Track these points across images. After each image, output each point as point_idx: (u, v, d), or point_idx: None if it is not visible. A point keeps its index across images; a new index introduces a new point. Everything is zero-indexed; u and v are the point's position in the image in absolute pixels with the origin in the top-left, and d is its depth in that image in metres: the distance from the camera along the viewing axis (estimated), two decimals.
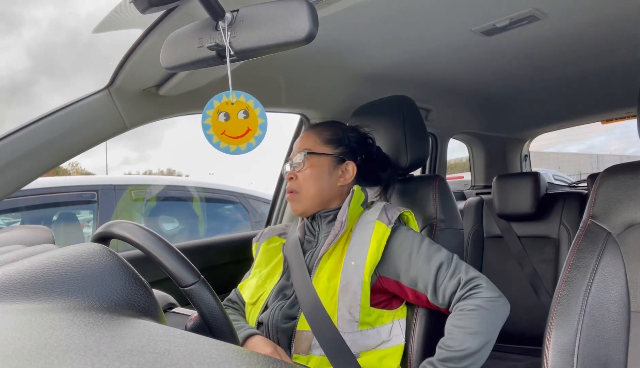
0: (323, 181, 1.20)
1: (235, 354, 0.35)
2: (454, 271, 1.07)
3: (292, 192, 1.20)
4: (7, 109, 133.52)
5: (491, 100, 2.31)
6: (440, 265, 1.07)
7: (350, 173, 1.23)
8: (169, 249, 0.77)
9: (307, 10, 0.64)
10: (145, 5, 0.66)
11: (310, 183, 1.19)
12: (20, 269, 0.52)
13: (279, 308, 1.12)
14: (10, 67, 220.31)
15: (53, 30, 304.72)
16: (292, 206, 1.21)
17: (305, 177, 1.19)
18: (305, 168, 1.19)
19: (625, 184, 1.03)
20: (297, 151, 1.23)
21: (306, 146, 1.23)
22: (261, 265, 1.26)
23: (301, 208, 1.20)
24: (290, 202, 1.21)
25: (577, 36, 1.54)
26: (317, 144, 1.23)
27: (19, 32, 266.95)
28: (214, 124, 0.72)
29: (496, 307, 1.04)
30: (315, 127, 1.28)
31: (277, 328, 1.10)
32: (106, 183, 2.92)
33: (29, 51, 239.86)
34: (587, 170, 16.85)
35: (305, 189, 1.19)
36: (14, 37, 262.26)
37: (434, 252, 1.09)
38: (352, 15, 1.25)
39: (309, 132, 1.27)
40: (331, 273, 1.09)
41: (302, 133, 1.28)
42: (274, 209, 1.97)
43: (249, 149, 0.72)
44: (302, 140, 1.25)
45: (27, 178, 1.06)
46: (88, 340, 0.36)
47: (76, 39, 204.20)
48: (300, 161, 1.20)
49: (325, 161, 1.21)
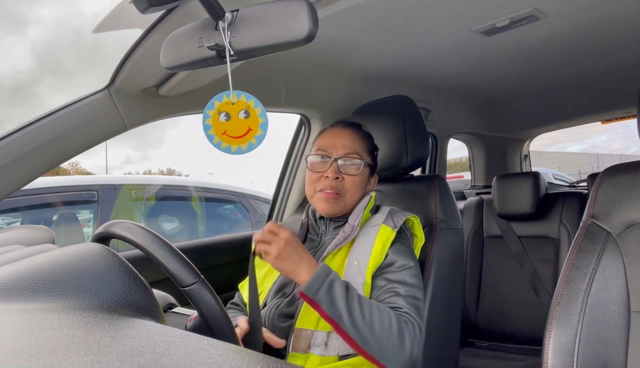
0: (362, 190, 1.20)
1: (235, 354, 0.35)
2: (403, 298, 1.03)
3: (334, 193, 1.15)
4: (10, 108, 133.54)
5: (491, 100, 2.31)
6: (397, 287, 1.05)
7: (372, 185, 1.26)
8: (169, 249, 0.77)
9: (307, 10, 0.64)
10: (145, 5, 0.66)
11: (356, 189, 1.17)
12: (20, 269, 0.52)
13: (275, 307, 1.12)
14: (14, 66, 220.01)
15: (58, 29, 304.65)
16: (327, 206, 1.16)
17: (354, 182, 1.17)
18: (360, 173, 1.17)
19: (625, 184, 1.03)
20: (344, 150, 1.17)
21: (356, 149, 1.18)
22: (260, 264, 1.26)
23: (336, 211, 1.17)
24: (327, 202, 1.15)
25: (577, 36, 1.54)
26: (365, 152, 1.21)
27: (25, 31, 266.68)
28: (215, 124, 0.72)
29: (400, 341, 0.95)
30: (360, 132, 1.24)
31: (274, 327, 1.10)
32: (106, 183, 2.92)
33: (34, 50, 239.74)
34: (587, 170, 16.84)
35: (350, 195, 1.17)
36: (20, 36, 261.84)
37: (407, 276, 1.07)
38: (352, 15, 1.25)
39: (353, 133, 1.21)
40: None
41: (344, 129, 1.22)
42: (274, 208, 1.97)
43: (250, 149, 0.72)
44: (349, 139, 1.19)
45: (27, 178, 1.06)
46: (88, 340, 0.36)
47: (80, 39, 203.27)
48: (353, 166, 1.17)
49: (367, 171, 1.22)
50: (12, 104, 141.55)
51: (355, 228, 1.13)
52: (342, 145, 1.18)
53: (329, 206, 1.15)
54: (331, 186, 1.15)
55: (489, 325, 2.21)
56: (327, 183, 1.15)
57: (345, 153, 1.17)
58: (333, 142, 1.19)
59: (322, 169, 1.17)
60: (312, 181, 1.19)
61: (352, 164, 1.17)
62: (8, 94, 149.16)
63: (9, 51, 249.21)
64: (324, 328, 1.05)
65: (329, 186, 1.15)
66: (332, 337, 1.05)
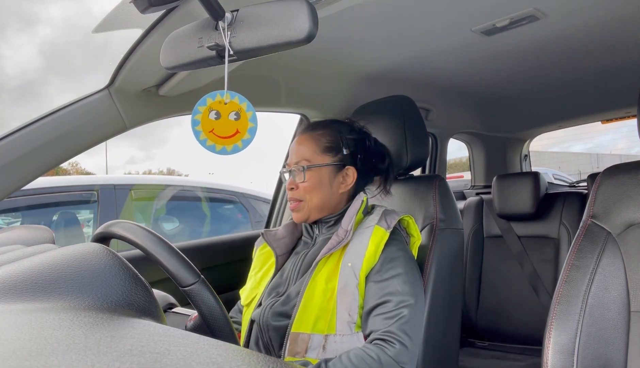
0: (324, 190, 1.19)
1: (235, 354, 0.35)
2: (393, 317, 1.04)
3: (294, 202, 1.18)
4: (17, 108, 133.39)
5: (491, 100, 2.31)
6: (389, 300, 1.05)
7: (350, 177, 1.22)
8: (169, 249, 0.77)
9: (307, 10, 0.64)
10: (145, 5, 0.66)
11: (312, 193, 1.17)
12: (20, 269, 0.52)
13: (269, 306, 1.13)
14: (22, 66, 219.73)
15: (67, 28, 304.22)
16: (295, 216, 1.20)
17: (306, 188, 1.17)
18: (306, 179, 1.17)
19: (625, 184, 1.03)
20: (295, 159, 1.20)
21: (305, 155, 1.19)
22: (256, 268, 1.28)
23: (304, 217, 1.19)
24: (294, 212, 1.19)
25: (577, 36, 1.54)
26: (315, 154, 1.20)
27: (34, 30, 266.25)
28: (204, 121, 0.72)
29: None
30: (312, 132, 1.23)
31: (268, 326, 1.10)
32: (106, 183, 2.92)
33: (42, 50, 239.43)
34: (587, 170, 16.84)
35: (308, 200, 1.18)
36: (29, 35, 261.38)
37: (398, 285, 1.07)
38: (352, 15, 1.25)
39: (306, 137, 1.22)
40: (329, 276, 1.09)
41: (300, 136, 1.24)
42: (273, 209, 1.97)
43: (234, 151, 0.72)
44: (300, 147, 1.21)
45: (27, 178, 1.06)
46: (88, 340, 0.36)
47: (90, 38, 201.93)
48: (300, 173, 1.18)
49: (325, 170, 1.19)
50: (19, 103, 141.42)
51: (348, 233, 1.13)
52: (295, 154, 1.21)
53: (296, 214, 1.20)
54: (291, 197, 1.19)
55: (489, 325, 2.21)
56: (290, 195, 1.20)
57: (295, 161, 1.20)
58: (291, 152, 1.23)
59: (286, 182, 1.22)
60: None
61: (298, 172, 1.19)
62: (15, 94, 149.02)
63: (18, 50, 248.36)
64: (321, 332, 1.05)
65: (291, 198, 1.20)
66: (330, 340, 1.04)
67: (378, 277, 1.08)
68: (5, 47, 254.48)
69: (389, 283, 1.07)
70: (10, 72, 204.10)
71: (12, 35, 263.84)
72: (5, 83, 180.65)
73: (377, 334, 1.02)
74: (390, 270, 1.08)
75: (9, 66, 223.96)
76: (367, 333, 1.05)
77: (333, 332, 1.05)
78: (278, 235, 1.27)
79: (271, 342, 1.11)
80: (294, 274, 1.16)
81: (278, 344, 1.09)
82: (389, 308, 1.04)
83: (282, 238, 1.26)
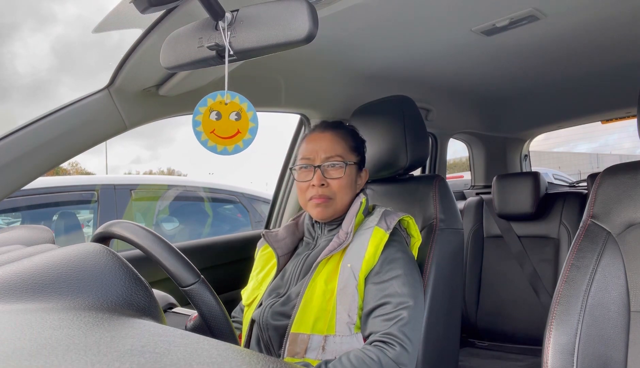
0: (352, 189, 1.20)
1: (235, 354, 0.35)
2: (392, 318, 1.04)
3: (324, 199, 1.16)
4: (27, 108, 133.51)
5: (491, 100, 2.31)
6: (388, 301, 1.05)
7: (363, 179, 1.25)
8: (169, 249, 0.77)
9: (307, 10, 0.64)
10: (145, 5, 0.66)
11: (344, 190, 1.17)
12: (20, 269, 0.52)
13: (269, 306, 1.13)
14: (35, 65, 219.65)
15: (80, 28, 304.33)
16: (320, 211, 1.16)
17: (341, 185, 1.16)
18: (345, 174, 1.17)
19: (625, 184, 1.03)
20: (324, 155, 1.17)
21: (337, 151, 1.18)
22: (258, 268, 1.28)
23: (329, 214, 1.18)
24: (319, 207, 1.16)
25: (577, 36, 1.54)
26: (347, 152, 1.20)
27: (48, 30, 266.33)
28: (205, 121, 0.72)
29: None
30: (339, 131, 1.23)
31: (268, 325, 1.10)
32: (106, 183, 2.92)
33: (55, 49, 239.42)
34: (587, 170, 16.84)
35: (340, 198, 1.17)
36: (44, 34, 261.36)
37: (397, 287, 1.07)
38: (352, 15, 1.25)
39: (333, 135, 1.21)
40: (329, 276, 1.09)
41: (323, 133, 1.21)
42: (273, 209, 1.97)
43: (235, 151, 0.72)
44: (329, 143, 1.19)
45: (27, 178, 1.06)
46: (88, 340, 0.37)
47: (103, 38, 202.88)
48: (338, 169, 1.17)
49: (354, 169, 1.21)
50: (30, 103, 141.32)
51: (349, 235, 1.13)
52: (323, 150, 1.18)
53: (322, 211, 1.16)
54: (319, 194, 1.15)
55: (489, 325, 2.21)
56: (315, 191, 1.16)
57: (326, 157, 1.17)
58: (314, 148, 1.19)
59: (308, 178, 1.18)
60: (302, 190, 1.20)
61: (335, 167, 1.17)
62: (26, 93, 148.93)
63: (31, 49, 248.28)
64: (321, 332, 1.05)
65: (317, 194, 1.16)
66: (329, 340, 1.05)
67: (377, 278, 1.08)
68: (18, 45, 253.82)
69: (389, 285, 1.07)
70: (22, 71, 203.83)
71: (26, 35, 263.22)
72: (17, 82, 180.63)
73: (377, 336, 1.02)
74: (390, 271, 1.08)
75: (20, 65, 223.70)
76: (366, 334, 1.05)
77: (332, 332, 1.05)
78: (279, 236, 1.27)
79: (271, 341, 1.11)
80: (295, 276, 1.16)
81: (277, 344, 1.10)
82: (389, 310, 1.04)
83: (283, 239, 1.26)
